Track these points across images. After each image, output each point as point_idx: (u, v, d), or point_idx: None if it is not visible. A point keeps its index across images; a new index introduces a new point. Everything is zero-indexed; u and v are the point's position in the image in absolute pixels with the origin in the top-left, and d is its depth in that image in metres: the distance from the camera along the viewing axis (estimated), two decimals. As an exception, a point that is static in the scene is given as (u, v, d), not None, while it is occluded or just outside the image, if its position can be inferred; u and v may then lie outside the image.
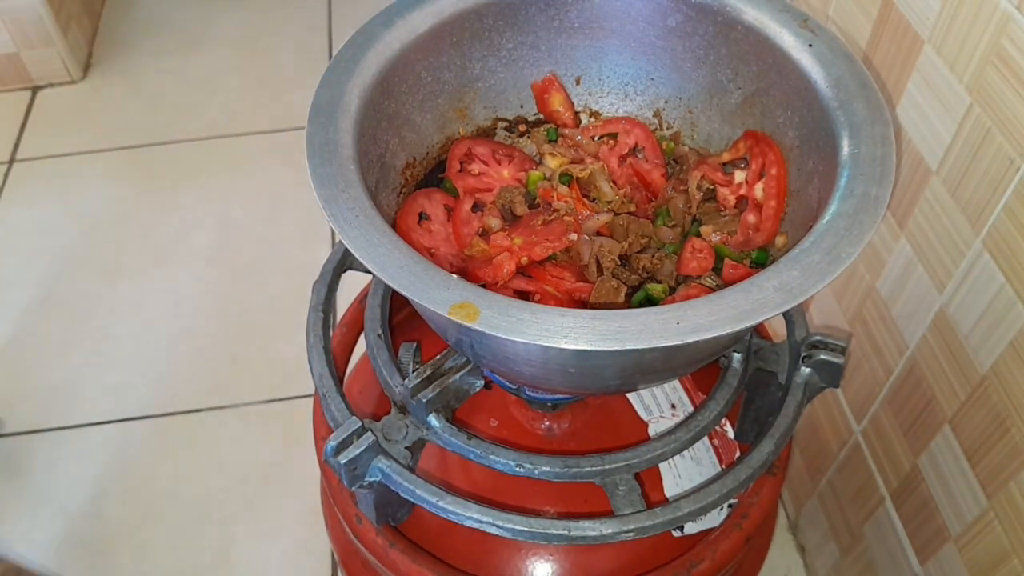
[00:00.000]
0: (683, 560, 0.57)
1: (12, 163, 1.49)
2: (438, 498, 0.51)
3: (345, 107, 0.50)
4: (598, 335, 0.39)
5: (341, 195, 0.45)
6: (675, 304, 0.41)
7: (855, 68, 0.51)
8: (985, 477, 0.62)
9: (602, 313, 0.40)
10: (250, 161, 1.49)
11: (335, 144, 0.48)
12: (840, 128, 0.49)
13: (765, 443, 0.54)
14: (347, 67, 0.52)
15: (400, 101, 0.56)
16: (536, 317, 0.40)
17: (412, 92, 0.57)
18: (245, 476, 1.11)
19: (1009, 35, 0.53)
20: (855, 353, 0.80)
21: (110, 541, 1.05)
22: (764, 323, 0.53)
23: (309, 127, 0.49)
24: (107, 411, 1.17)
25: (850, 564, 0.89)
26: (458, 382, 0.54)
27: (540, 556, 0.62)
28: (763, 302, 0.40)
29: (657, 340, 0.39)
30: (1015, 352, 0.57)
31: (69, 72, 1.61)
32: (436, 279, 0.42)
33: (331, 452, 0.51)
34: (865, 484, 0.82)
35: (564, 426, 0.65)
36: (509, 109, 0.63)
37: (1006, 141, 0.55)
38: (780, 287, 0.41)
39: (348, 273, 0.66)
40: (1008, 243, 0.56)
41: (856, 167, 0.46)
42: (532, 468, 0.53)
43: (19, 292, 1.31)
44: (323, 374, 0.59)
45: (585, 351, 0.39)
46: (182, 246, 1.36)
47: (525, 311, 0.40)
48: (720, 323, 0.40)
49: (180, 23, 1.76)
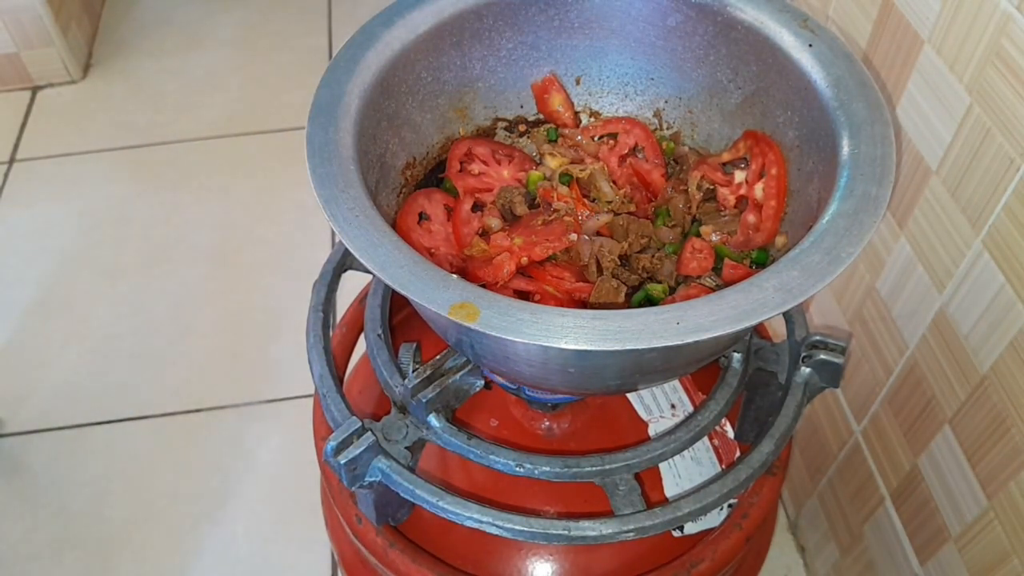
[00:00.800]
0: (683, 560, 0.57)
1: (12, 163, 1.49)
2: (438, 498, 0.51)
3: (345, 107, 0.50)
4: (598, 335, 0.39)
5: (341, 195, 0.45)
6: (675, 304, 0.41)
7: (855, 68, 0.51)
8: (985, 477, 0.62)
9: (602, 313, 0.40)
10: (250, 161, 1.49)
11: (335, 144, 0.48)
12: (840, 128, 0.49)
13: (765, 443, 0.54)
14: (347, 67, 0.52)
15: (400, 101, 0.56)
16: (536, 317, 0.40)
17: (412, 92, 0.57)
18: (245, 476, 1.11)
19: (1009, 35, 0.53)
20: (855, 353, 0.80)
21: (110, 541, 1.05)
22: (764, 323, 0.53)
23: (309, 127, 0.49)
24: (107, 411, 1.17)
25: (850, 564, 0.89)
26: (458, 382, 0.54)
27: (540, 556, 0.62)
28: (763, 302, 0.40)
29: (657, 340, 0.39)
30: (1015, 352, 0.57)
31: (69, 72, 1.61)
32: (436, 279, 0.42)
33: (331, 452, 0.51)
34: (865, 484, 0.82)
35: (564, 426, 0.65)
36: (509, 109, 0.63)
37: (1006, 141, 0.55)
38: (780, 287, 0.41)
39: (348, 273, 0.66)
40: (1008, 243, 0.56)
41: (856, 167, 0.46)
42: (532, 468, 0.53)
43: (19, 292, 1.31)
44: (323, 374, 0.59)
45: (585, 351, 0.39)
46: (182, 246, 1.36)
47: (525, 311, 0.40)
48: (720, 323, 0.40)
49: (180, 23, 1.76)
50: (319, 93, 0.50)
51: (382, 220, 0.45)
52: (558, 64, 0.61)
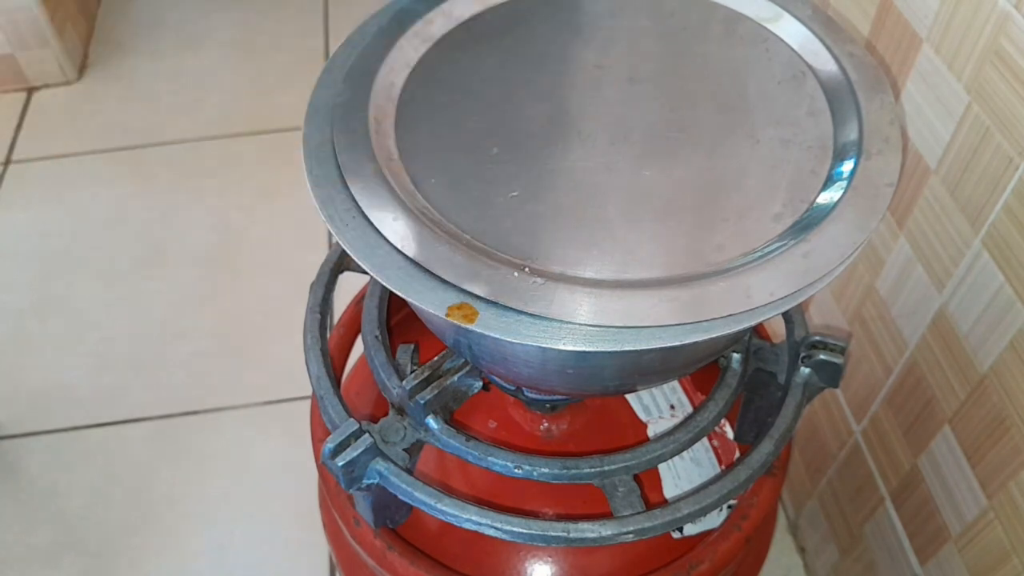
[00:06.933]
0: (683, 562, 0.57)
1: (8, 164, 1.48)
2: (436, 500, 0.51)
3: (342, 107, 0.49)
4: (597, 336, 0.39)
5: (338, 196, 0.45)
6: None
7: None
8: (985, 477, 0.62)
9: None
10: (246, 162, 1.49)
11: (331, 145, 0.47)
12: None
13: (765, 444, 0.54)
14: (343, 68, 0.51)
15: (397, 101, 0.55)
16: (535, 318, 0.40)
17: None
18: (242, 478, 1.10)
19: (1008, 34, 0.53)
20: (855, 353, 0.80)
21: (107, 544, 1.05)
22: (763, 323, 0.53)
23: (305, 128, 0.48)
24: (104, 413, 1.17)
25: (850, 565, 0.89)
26: (456, 383, 0.54)
27: (539, 558, 0.61)
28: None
29: (656, 341, 0.39)
30: (1015, 352, 0.57)
31: (65, 73, 1.61)
32: (433, 280, 0.41)
33: (328, 454, 0.50)
34: (865, 484, 0.82)
35: (563, 427, 0.64)
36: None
37: (1005, 140, 0.54)
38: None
39: (345, 274, 0.66)
40: (1008, 242, 0.56)
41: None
42: (531, 469, 0.52)
43: (15, 294, 1.30)
44: (320, 375, 0.59)
45: (584, 352, 0.39)
46: (178, 247, 1.36)
47: (523, 312, 0.40)
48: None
49: (176, 24, 1.76)
50: (315, 94, 0.50)
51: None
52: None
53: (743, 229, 0.43)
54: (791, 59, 0.52)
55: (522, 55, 0.52)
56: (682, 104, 0.49)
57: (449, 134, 0.48)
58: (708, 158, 0.47)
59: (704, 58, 0.52)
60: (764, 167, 0.46)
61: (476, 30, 0.54)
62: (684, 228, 0.44)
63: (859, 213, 0.43)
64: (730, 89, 0.50)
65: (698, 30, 0.54)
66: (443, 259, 0.41)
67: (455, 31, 0.54)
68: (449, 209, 0.44)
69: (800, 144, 0.47)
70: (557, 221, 0.44)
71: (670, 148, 0.47)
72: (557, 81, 0.51)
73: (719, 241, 0.43)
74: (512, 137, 0.48)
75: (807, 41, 0.52)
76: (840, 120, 0.48)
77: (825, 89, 0.50)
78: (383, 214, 0.43)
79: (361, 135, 0.47)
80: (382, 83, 0.50)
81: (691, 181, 0.46)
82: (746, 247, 0.42)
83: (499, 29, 0.54)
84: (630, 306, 0.40)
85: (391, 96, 0.50)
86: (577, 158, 0.47)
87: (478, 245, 0.42)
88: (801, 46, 0.52)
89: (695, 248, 0.43)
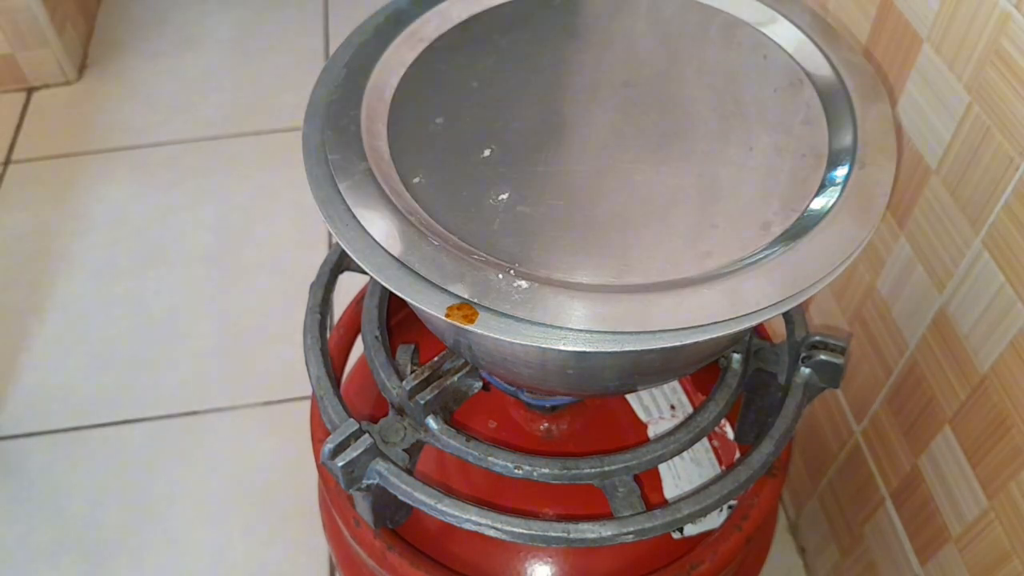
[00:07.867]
0: (683, 562, 0.57)
1: (7, 164, 1.48)
2: (436, 500, 0.51)
3: (341, 107, 0.49)
4: (596, 336, 0.39)
5: (337, 196, 0.45)
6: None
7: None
8: (985, 477, 0.62)
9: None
10: (246, 162, 1.48)
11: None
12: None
13: (765, 444, 0.54)
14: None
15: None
16: (534, 319, 0.40)
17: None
18: (242, 479, 1.10)
19: (1008, 34, 0.53)
20: (855, 353, 0.80)
21: (107, 545, 1.05)
22: (764, 323, 0.53)
23: (305, 128, 0.48)
24: (104, 413, 1.17)
25: (850, 565, 0.89)
26: (456, 384, 0.54)
27: (539, 559, 0.61)
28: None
29: (656, 342, 0.39)
30: (1015, 352, 0.57)
31: (64, 73, 1.61)
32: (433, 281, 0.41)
33: (328, 455, 0.50)
34: (865, 484, 0.82)
35: (563, 428, 0.64)
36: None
37: (1005, 140, 0.54)
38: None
39: (345, 274, 0.66)
40: (1008, 242, 0.56)
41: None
42: (531, 470, 0.52)
43: (15, 294, 1.30)
44: (320, 376, 0.59)
45: (584, 352, 0.39)
46: (178, 247, 1.36)
47: (523, 313, 0.40)
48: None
49: (176, 23, 1.76)
50: (315, 94, 0.50)
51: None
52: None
53: (732, 236, 0.43)
54: (789, 66, 0.52)
55: (517, 57, 0.52)
56: (677, 110, 0.49)
57: (441, 135, 0.48)
58: (701, 164, 0.46)
59: (701, 63, 0.52)
60: (757, 174, 0.46)
61: (472, 32, 0.54)
62: (674, 233, 0.44)
63: (852, 221, 0.43)
64: (726, 95, 0.50)
65: (695, 35, 0.54)
66: (427, 259, 0.41)
67: (451, 32, 0.54)
68: (438, 210, 0.44)
69: (795, 152, 0.47)
70: (547, 224, 0.44)
71: (663, 154, 0.47)
72: (552, 84, 0.51)
73: (707, 248, 0.43)
74: (505, 139, 0.48)
75: (805, 47, 0.52)
76: (836, 128, 0.48)
77: (822, 97, 0.50)
78: (371, 213, 0.43)
79: (352, 135, 0.47)
80: (375, 83, 0.50)
81: (683, 187, 0.45)
82: (734, 254, 0.42)
83: (495, 31, 0.54)
84: (616, 310, 0.39)
85: (384, 97, 0.50)
86: (569, 162, 0.47)
87: (465, 246, 0.42)
88: (799, 52, 0.52)
89: (683, 253, 0.42)
